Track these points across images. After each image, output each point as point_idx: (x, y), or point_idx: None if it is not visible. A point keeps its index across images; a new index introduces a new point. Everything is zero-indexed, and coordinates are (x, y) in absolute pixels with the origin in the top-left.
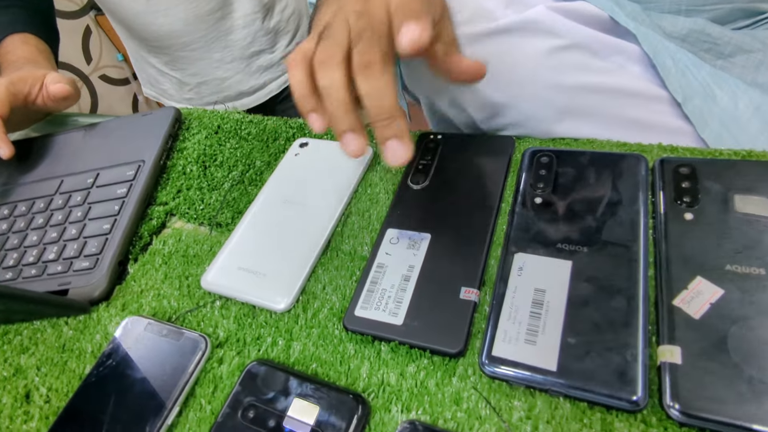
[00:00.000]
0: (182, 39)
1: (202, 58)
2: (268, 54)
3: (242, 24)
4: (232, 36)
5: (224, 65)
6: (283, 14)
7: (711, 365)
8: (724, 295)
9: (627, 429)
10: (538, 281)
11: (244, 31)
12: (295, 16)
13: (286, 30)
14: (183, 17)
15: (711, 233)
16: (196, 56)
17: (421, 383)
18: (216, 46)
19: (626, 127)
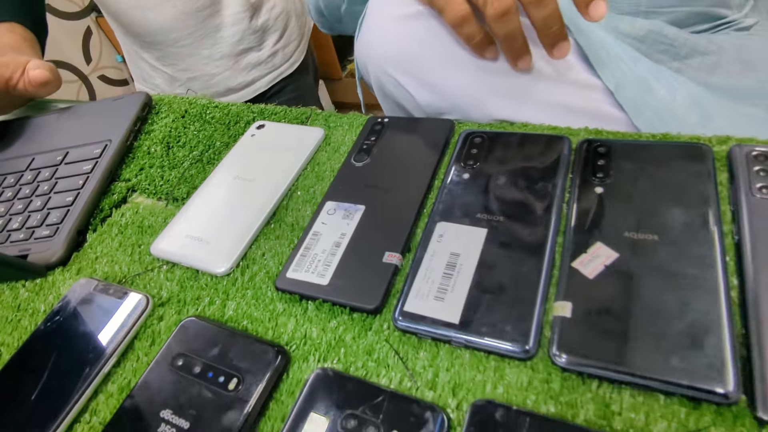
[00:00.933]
0: (172, 35)
1: (192, 54)
2: (256, 51)
3: (231, 22)
4: (220, 33)
5: (213, 62)
6: (271, 13)
7: (596, 319)
8: (619, 258)
9: (516, 375)
10: (454, 246)
11: (233, 28)
12: (283, 15)
13: (274, 28)
14: (172, 13)
15: (615, 205)
16: (185, 52)
17: (339, 337)
18: (205, 42)
19: (562, 112)
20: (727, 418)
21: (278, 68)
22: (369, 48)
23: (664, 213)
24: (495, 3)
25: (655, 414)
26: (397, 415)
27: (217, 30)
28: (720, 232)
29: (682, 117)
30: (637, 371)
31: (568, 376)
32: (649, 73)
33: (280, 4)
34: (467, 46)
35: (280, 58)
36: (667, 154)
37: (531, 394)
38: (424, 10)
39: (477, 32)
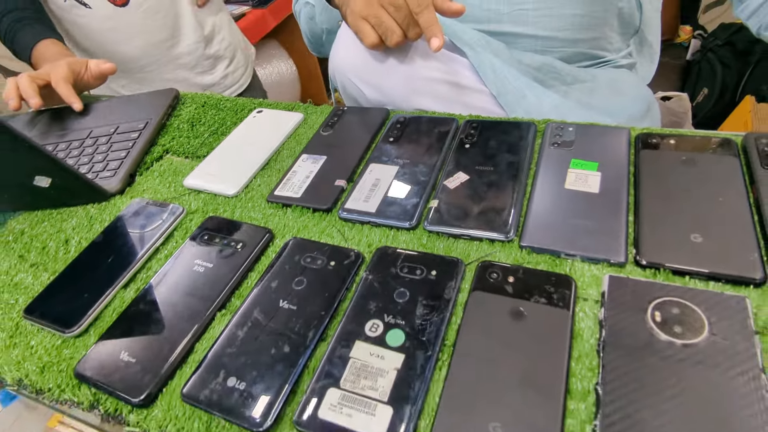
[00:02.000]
0: (140, 62)
1: (155, 79)
2: (209, 75)
3: (187, 51)
4: (180, 60)
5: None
6: (221, 44)
7: (449, 208)
8: (469, 179)
9: (404, 237)
10: (378, 175)
11: (190, 57)
12: (231, 47)
13: (224, 57)
14: (141, 45)
15: (473, 153)
16: (151, 77)
17: (305, 225)
18: (167, 68)
19: (461, 107)
20: (506, 247)
21: (229, 89)
22: (337, 61)
23: (499, 158)
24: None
25: (472, 248)
26: (333, 255)
27: (177, 58)
28: (528, 164)
29: (546, 116)
30: (463, 229)
31: (431, 236)
32: (525, 87)
33: (227, 38)
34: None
35: (230, 80)
36: (510, 128)
37: (410, 245)
38: None
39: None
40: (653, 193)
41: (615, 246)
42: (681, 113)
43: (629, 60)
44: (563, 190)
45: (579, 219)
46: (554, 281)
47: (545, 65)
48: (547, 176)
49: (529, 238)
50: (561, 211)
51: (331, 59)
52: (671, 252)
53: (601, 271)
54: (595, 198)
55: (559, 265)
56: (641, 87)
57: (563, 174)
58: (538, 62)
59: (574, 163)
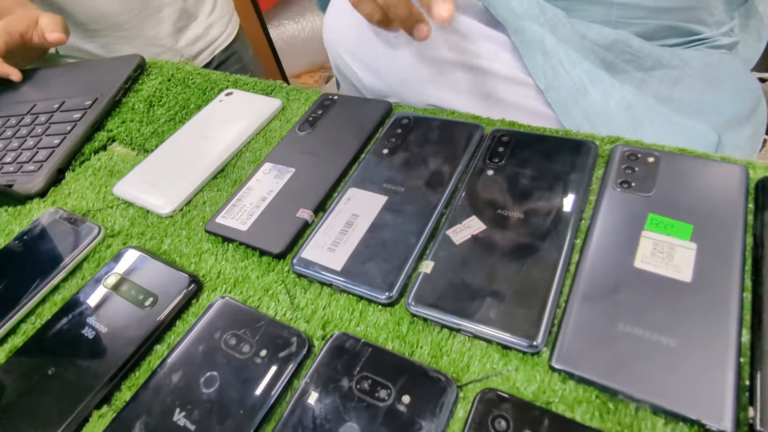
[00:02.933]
0: (118, 18)
1: (136, 36)
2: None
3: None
4: (161, 13)
5: (157, 42)
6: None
7: (449, 277)
8: (485, 230)
9: (376, 317)
10: (357, 209)
11: (171, 8)
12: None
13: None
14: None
15: (498, 186)
16: (130, 35)
17: (246, 275)
18: (148, 24)
19: (492, 105)
20: (528, 363)
21: (216, 39)
22: (328, 32)
23: (536, 197)
24: None
25: (475, 357)
26: (269, 337)
27: (158, 10)
28: (578, 217)
29: (612, 120)
30: (465, 321)
31: (416, 321)
32: (586, 77)
33: None
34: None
35: (216, 30)
36: (557, 148)
37: (383, 332)
38: None
39: (374, 11)
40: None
41: (715, 399)
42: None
43: (730, 38)
44: (631, 271)
45: (654, 332)
46: None
47: (618, 43)
48: (605, 242)
49: (565, 356)
50: (624, 313)
51: (323, 26)
52: None
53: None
54: (685, 293)
55: (612, 413)
56: (746, 76)
57: (633, 239)
58: (609, 38)
59: (653, 222)
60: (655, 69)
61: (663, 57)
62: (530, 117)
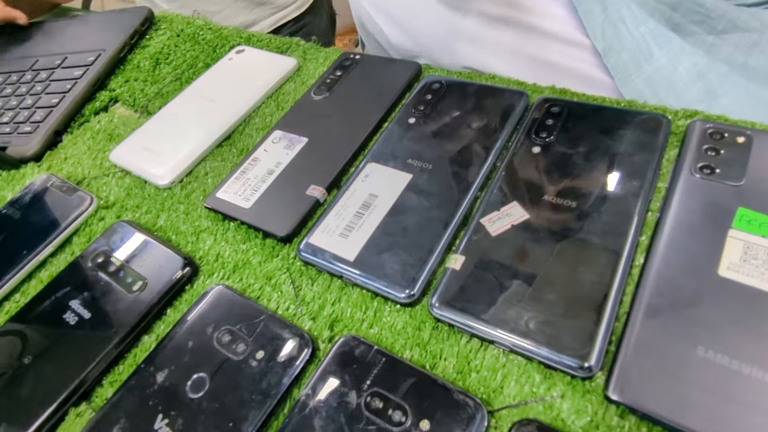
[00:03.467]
0: None
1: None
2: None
3: None
4: None
5: None
6: None
7: (482, 276)
8: (528, 219)
9: (393, 318)
10: (376, 188)
11: None
12: None
13: None
14: None
15: (546, 166)
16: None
17: (247, 259)
18: None
19: (539, 68)
20: (578, 390)
21: (283, 9)
22: None
23: (592, 181)
24: None
25: (511, 376)
26: (268, 336)
27: None
28: (643, 208)
29: (680, 90)
30: (499, 331)
31: (440, 326)
32: (651, 38)
33: None
34: None
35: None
36: (619, 122)
37: (401, 338)
38: None
39: None
40: None
41: None
42: None
43: None
44: (714, 280)
45: (741, 362)
46: None
47: (686, 1)
48: (679, 241)
49: (626, 385)
50: (703, 334)
51: None
52: None
53: None
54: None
55: None
56: None
57: (718, 240)
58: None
59: (744, 219)
60: (729, 32)
61: (739, 18)
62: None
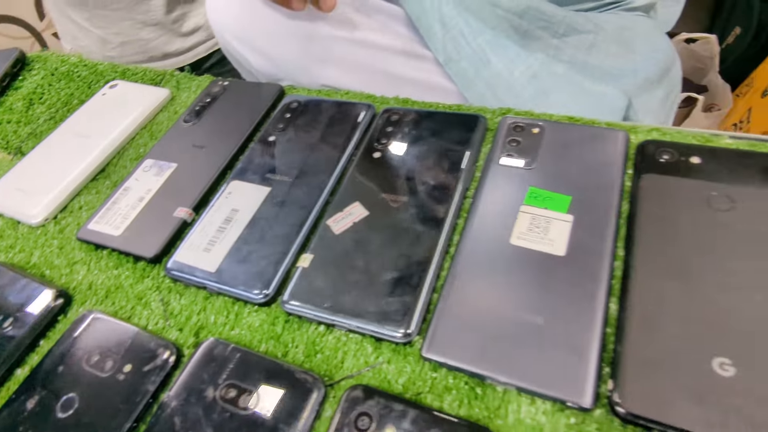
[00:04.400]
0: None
1: (125, 18)
2: (194, 17)
3: None
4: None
5: (148, 27)
6: None
7: (326, 270)
8: (368, 216)
9: (252, 319)
10: (237, 203)
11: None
12: None
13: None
14: None
15: (384, 169)
16: (118, 16)
17: (120, 284)
18: (138, 8)
19: (390, 80)
20: (400, 354)
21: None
22: (212, 15)
23: (420, 177)
24: None
25: (350, 353)
26: (135, 351)
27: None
28: (461, 196)
29: (518, 91)
30: (337, 315)
31: (291, 319)
32: (488, 47)
33: None
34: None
35: None
36: (445, 124)
37: (257, 334)
38: None
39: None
40: (655, 266)
41: (577, 375)
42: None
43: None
44: (507, 248)
45: (523, 312)
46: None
47: (530, 9)
48: (484, 220)
49: (435, 344)
50: (495, 294)
51: (206, 11)
52: (677, 398)
53: (551, 419)
54: (558, 269)
55: (480, 398)
56: (660, 38)
57: (512, 215)
58: (522, 5)
59: (533, 196)
60: (569, 35)
61: (576, 22)
62: (432, 92)
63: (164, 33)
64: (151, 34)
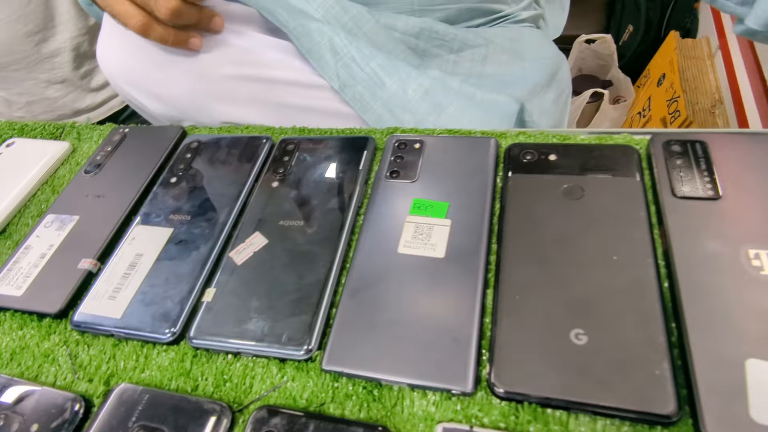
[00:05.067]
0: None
1: (28, 78)
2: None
3: (69, 47)
4: (58, 58)
5: (54, 85)
6: None
7: (228, 301)
8: (268, 244)
9: (161, 359)
10: (141, 247)
11: (72, 53)
12: None
13: None
14: None
15: (281, 197)
16: (20, 77)
17: (25, 344)
18: (41, 67)
19: (288, 111)
20: (303, 370)
21: None
22: (103, 63)
23: (314, 201)
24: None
25: (257, 376)
26: (42, 409)
27: (54, 55)
28: (354, 215)
29: (413, 108)
30: (242, 342)
31: (200, 353)
32: (381, 70)
33: None
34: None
35: None
36: (337, 148)
37: (167, 373)
38: None
39: (167, 34)
40: (520, 256)
41: (458, 365)
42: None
43: (533, 11)
44: (395, 257)
45: (411, 314)
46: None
47: (425, 30)
48: (375, 234)
49: (334, 356)
50: (383, 301)
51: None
52: (542, 370)
53: (440, 408)
54: (439, 270)
55: (378, 400)
56: (546, 46)
57: (399, 226)
58: (416, 27)
59: (416, 206)
60: (464, 50)
61: (468, 38)
62: (332, 118)
63: (73, 90)
64: (58, 92)
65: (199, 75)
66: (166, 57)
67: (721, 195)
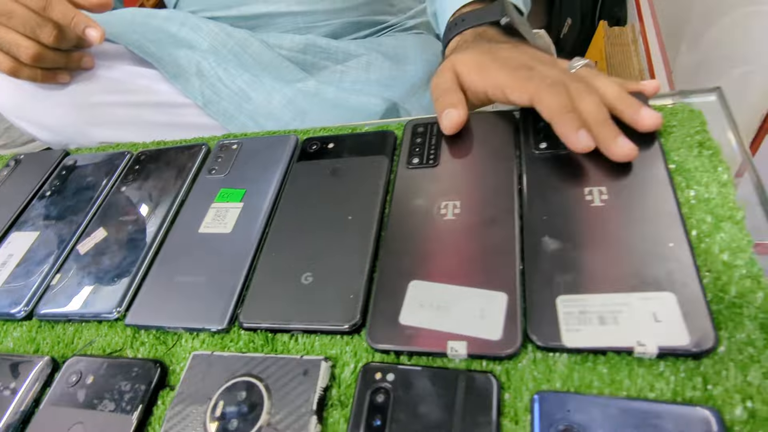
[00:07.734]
0: None
1: None
2: None
3: None
4: None
5: None
6: None
7: (72, 280)
8: (106, 237)
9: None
10: (14, 249)
11: None
12: None
13: None
14: None
15: (125, 201)
16: None
17: None
18: None
19: (158, 128)
20: (114, 329)
21: None
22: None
23: (153, 201)
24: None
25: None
26: None
27: None
28: (177, 206)
29: (277, 116)
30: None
31: (44, 324)
32: (246, 86)
33: None
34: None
35: None
36: (174, 155)
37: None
38: None
39: (34, 74)
40: (282, 224)
41: (217, 308)
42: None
43: (418, 20)
44: (195, 236)
45: (195, 276)
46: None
47: (309, 46)
48: (186, 219)
49: (134, 313)
50: (180, 268)
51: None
52: (274, 306)
53: (204, 343)
54: (225, 242)
55: (163, 342)
56: (427, 48)
57: (204, 212)
58: (301, 44)
59: (222, 195)
60: (348, 60)
61: (350, 49)
62: (197, 130)
63: None
64: None
65: (71, 105)
66: (42, 91)
67: (439, 163)
